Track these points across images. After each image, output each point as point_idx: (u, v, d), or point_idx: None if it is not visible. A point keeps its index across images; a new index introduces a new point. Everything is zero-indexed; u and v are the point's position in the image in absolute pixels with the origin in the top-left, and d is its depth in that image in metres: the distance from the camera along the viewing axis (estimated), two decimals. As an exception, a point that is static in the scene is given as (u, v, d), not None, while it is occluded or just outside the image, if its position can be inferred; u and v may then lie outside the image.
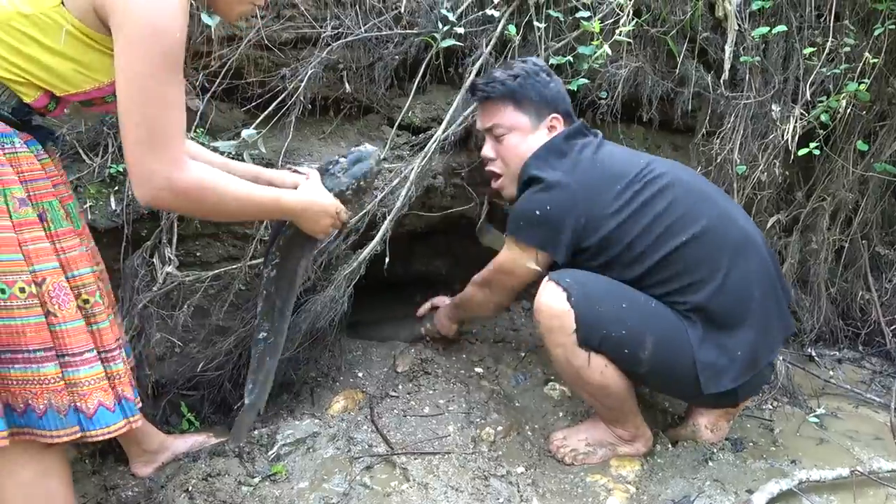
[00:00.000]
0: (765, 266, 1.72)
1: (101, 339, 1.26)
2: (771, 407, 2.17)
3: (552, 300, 1.64)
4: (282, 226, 1.54)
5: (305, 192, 1.43)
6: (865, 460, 1.90)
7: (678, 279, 1.66)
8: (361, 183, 1.55)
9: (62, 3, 1.12)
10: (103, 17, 1.11)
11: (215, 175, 1.22)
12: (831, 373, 2.46)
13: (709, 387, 1.62)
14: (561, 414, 2.02)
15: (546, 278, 1.70)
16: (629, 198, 1.70)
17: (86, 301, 1.24)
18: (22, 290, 1.12)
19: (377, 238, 2.02)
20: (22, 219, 1.14)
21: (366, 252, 2.01)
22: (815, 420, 2.11)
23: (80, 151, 1.83)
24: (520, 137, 1.85)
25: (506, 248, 1.85)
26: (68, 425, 1.19)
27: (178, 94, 1.15)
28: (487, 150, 1.93)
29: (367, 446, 1.81)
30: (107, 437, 1.24)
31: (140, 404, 1.34)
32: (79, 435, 1.20)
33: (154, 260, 1.88)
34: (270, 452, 1.80)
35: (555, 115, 1.86)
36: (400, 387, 2.07)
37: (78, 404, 1.20)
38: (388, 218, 2.02)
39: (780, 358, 2.31)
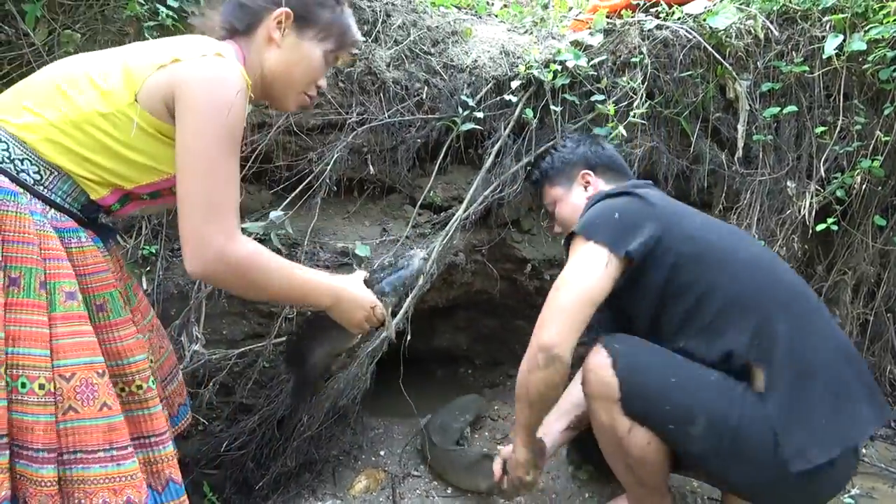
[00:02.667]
0: (837, 338, 1.58)
1: (153, 423, 1.26)
2: (803, 488, 2.10)
3: (598, 366, 1.57)
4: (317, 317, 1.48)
5: (343, 280, 1.39)
6: (905, 545, 1.83)
7: (745, 330, 1.52)
8: (398, 286, 1.52)
9: (136, 100, 1.17)
10: (171, 107, 1.17)
11: (265, 251, 1.24)
12: (864, 451, 2.39)
13: (796, 464, 1.43)
14: (587, 495, 1.97)
15: (597, 341, 1.62)
16: (710, 232, 1.63)
17: (139, 387, 1.25)
18: (41, 386, 1.10)
19: (399, 315, 2.04)
20: (66, 312, 1.14)
21: (389, 329, 2.03)
22: (850, 501, 2.04)
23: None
24: (563, 205, 1.93)
25: (570, 257, 1.64)
26: None
27: (236, 170, 1.18)
28: (552, 221, 2.03)
29: (389, 529, 1.79)
30: None
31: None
32: None
33: (182, 338, 1.92)
34: (292, 535, 1.78)
35: (584, 171, 1.89)
36: (422, 466, 2.05)
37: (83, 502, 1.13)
38: (411, 295, 2.05)
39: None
